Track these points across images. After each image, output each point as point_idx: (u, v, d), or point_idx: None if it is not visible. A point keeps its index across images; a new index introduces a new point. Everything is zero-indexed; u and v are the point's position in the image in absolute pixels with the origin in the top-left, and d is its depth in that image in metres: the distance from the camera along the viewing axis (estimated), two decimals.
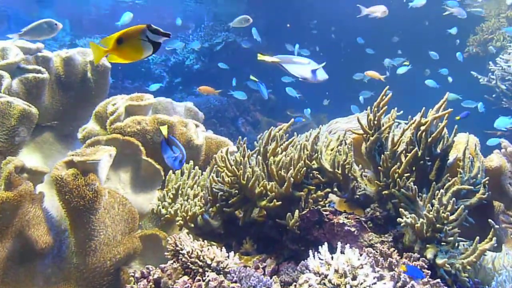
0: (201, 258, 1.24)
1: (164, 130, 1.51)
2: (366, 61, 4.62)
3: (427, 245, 1.23)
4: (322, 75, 2.15)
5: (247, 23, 3.31)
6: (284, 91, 4.92)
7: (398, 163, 1.35)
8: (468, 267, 1.18)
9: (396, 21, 4.67)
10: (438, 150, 1.37)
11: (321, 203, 1.40)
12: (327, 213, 1.39)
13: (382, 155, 1.37)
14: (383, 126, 1.40)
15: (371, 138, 1.40)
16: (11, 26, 7.44)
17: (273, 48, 5.98)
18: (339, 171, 1.40)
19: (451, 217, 1.22)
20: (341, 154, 1.41)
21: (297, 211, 1.34)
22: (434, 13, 4.80)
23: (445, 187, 1.31)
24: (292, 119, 1.57)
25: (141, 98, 1.90)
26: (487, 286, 1.39)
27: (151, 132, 1.77)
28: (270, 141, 1.47)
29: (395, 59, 4.78)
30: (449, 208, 1.22)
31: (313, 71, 2.13)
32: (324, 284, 1.10)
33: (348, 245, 1.19)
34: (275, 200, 1.35)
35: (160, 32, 1.11)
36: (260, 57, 2.11)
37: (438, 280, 1.14)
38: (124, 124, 1.76)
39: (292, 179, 1.34)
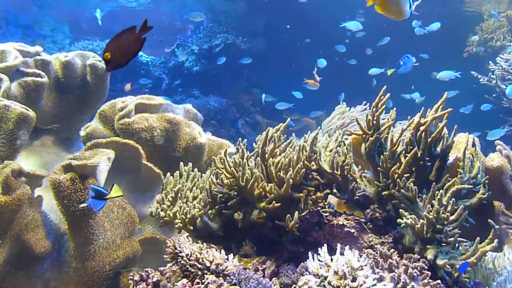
0: (200, 260, 1.23)
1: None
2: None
3: (428, 246, 1.23)
4: None
5: None
6: (284, 92, 4.91)
7: (398, 164, 1.34)
8: (469, 268, 1.17)
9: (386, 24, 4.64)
10: (438, 150, 1.36)
11: (321, 204, 1.39)
12: (327, 214, 1.38)
13: (382, 156, 1.36)
14: (382, 126, 1.40)
15: (370, 139, 1.39)
16: (9, 29, 7.44)
17: (272, 49, 5.99)
18: (338, 172, 1.39)
19: (451, 218, 1.21)
20: (340, 155, 1.41)
21: (296, 212, 1.34)
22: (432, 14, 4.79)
23: (445, 187, 1.31)
24: (289, 119, 1.57)
25: (151, 98, 1.95)
26: (487, 287, 1.39)
27: (157, 129, 1.81)
28: (268, 142, 1.47)
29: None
30: (449, 208, 1.22)
31: None
32: (324, 286, 1.09)
33: (347, 246, 1.18)
34: (274, 202, 1.34)
35: None
36: None
37: (439, 281, 1.13)
38: (132, 120, 1.77)
39: (291, 180, 1.34)
